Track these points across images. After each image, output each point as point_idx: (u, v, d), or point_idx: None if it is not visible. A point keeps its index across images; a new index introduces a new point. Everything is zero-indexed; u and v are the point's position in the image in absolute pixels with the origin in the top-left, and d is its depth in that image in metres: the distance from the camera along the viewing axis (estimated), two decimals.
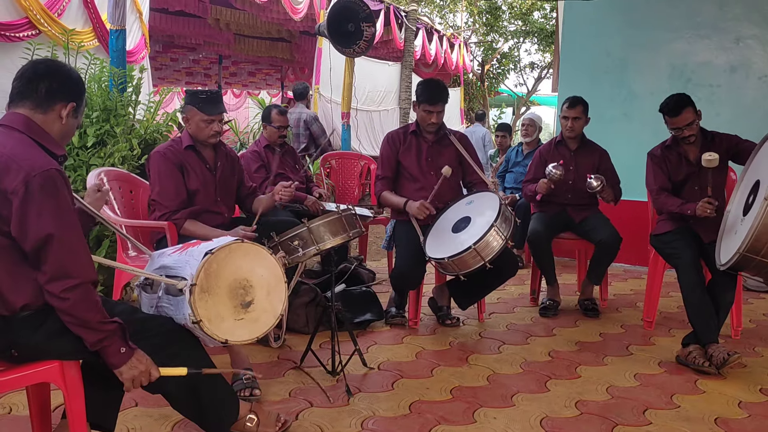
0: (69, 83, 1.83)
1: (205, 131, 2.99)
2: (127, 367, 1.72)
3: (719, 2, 5.41)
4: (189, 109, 2.99)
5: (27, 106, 1.76)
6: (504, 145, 6.69)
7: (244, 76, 15.18)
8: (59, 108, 1.79)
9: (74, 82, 1.85)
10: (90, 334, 1.68)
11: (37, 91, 1.76)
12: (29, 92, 1.76)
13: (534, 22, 17.34)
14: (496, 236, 3.08)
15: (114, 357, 1.71)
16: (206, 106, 2.96)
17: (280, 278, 2.09)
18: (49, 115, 1.78)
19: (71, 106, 1.81)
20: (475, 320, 3.80)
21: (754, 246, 2.63)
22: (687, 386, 2.86)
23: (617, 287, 4.85)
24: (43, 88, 1.76)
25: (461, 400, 2.63)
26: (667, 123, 3.41)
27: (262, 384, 2.63)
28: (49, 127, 1.78)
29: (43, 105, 1.77)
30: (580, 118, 3.99)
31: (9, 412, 2.37)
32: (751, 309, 4.26)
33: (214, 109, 2.98)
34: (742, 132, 3.48)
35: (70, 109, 1.81)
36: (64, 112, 1.79)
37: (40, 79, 1.77)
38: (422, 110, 3.61)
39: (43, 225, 1.60)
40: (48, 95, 1.77)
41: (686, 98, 3.35)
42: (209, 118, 2.97)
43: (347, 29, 6.41)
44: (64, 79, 1.81)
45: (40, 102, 1.77)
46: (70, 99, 1.81)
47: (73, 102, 1.82)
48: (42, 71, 1.79)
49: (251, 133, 8.78)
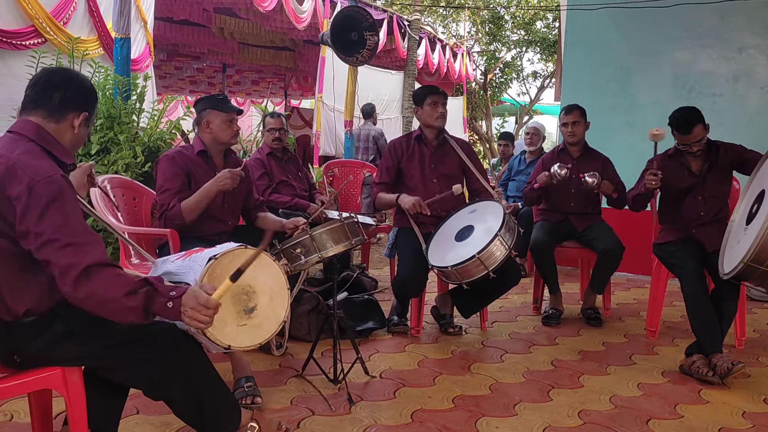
0: (83, 93, 1.84)
1: (228, 131, 3.06)
2: (183, 316, 1.65)
3: (721, 12, 5.42)
4: (209, 113, 3.02)
5: (40, 114, 1.77)
6: (506, 153, 6.68)
7: (247, 84, 15.25)
8: (72, 117, 1.80)
9: (87, 91, 1.86)
10: (129, 314, 1.62)
11: (51, 99, 1.77)
12: (43, 101, 1.78)
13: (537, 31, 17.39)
14: (500, 246, 3.08)
15: (166, 314, 1.65)
16: (224, 106, 3.05)
17: (283, 285, 2.09)
18: (61, 124, 1.79)
19: (84, 116, 1.83)
20: (478, 329, 3.79)
21: (759, 256, 2.62)
22: (690, 396, 2.84)
23: (620, 296, 4.84)
24: (57, 97, 1.78)
25: (463, 409, 2.62)
26: (676, 138, 3.40)
27: (264, 392, 2.63)
28: (61, 136, 1.80)
29: (56, 114, 1.78)
30: (579, 122, 4.00)
31: (10, 419, 2.37)
32: (755, 319, 4.24)
33: (231, 107, 3.08)
34: (744, 141, 3.48)
35: (83, 119, 1.83)
36: (76, 122, 1.81)
37: (54, 88, 1.78)
38: (428, 104, 3.63)
39: (46, 222, 1.60)
40: (62, 104, 1.78)
41: (696, 114, 3.31)
42: (230, 116, 3.05)
43: (350, 38, 6.44)
44: (78, 88, 1.83)
45: (53, 111, 1.78)
46: (83, 109, 1.83)
47: (86, 112, 1.84)
48: (56, 80, 1.80)
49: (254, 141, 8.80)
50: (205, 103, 3.08)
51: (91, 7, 5.84)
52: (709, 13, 5.45)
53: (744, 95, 5.46)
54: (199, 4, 9.02)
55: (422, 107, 3.66)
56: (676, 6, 5.42)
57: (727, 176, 3.46)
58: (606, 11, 5.78)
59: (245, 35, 10.40)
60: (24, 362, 1.74)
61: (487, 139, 17.41)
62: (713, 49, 5.54)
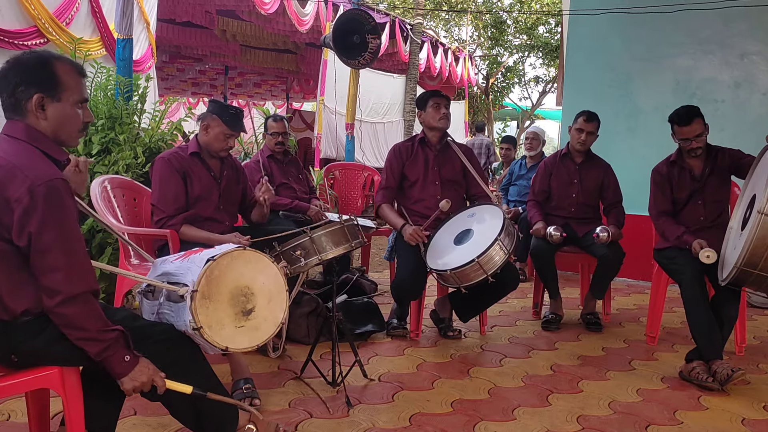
0: (24, 77, 1.68)
1: (221, 143, 3.04)
2: (129, 378, 1.69)
3: (724, 18, 5.42)
4: (213, 119, 3.01)
5: (13, 115, 1.72)
6: (508, 157, 6.68)
7: (249, 87, 15.28)
8: (29, 106, 1.68)
9: (25, 71, 1.68)
10: (92, 345, 1.66)
11: (5, 100, 1.70)
12: (9, 103, 1.71)
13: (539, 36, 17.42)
14: (499, 250, 3.08)
15: (118, 366, 1.68)
16: (232, 122, 3.02)
17: (281, 287, 2.09)
18: (29, 117, 1.70)
19: (37, 98, 1.68)
20: (477, 333, 3.79)
21: (751, 260, 2.62)
22: (690, 402, 2.83)
23: (620, 302, 4.83)
24: (5, 95, 1.70)
25: (462, 413, 2.61)
26: (676, 133, 3.40)
27: (262, 394, 2.62)
28: (41, 128, 1.72)
29: (18, 111, 1.70)
30: (594, 133, 3.99)
31: (8, 419, 2.36)
32: (755, 326, 4.23)
33: (237, 126, 3.04)
34: (745, 147, 3.48)
35: (38, 100, 1.68)
36: (33, 107, 1.68)
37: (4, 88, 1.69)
38: (431, 106, 3.64)
39: (45, 235, 1.59)
40: (12, 100, 1.69)
41: (697, 110, 3.35)
42: (231, 133, 3.03)
43: (353, 41, 6.45)
44: (15, 74, 1.68)
45: (14, 109, 1.70)
46: (33, 91, 1.67)
47: (37, 93, 1.68)
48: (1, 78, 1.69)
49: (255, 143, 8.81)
50: (216, 108, 3.05)
51: (93, 8, 5.85)
52: (711, 19, 5.45)
53: (746, 101, 5.46)
54: (202, 6, 9.05)
55: (425, 109, 3.67)
56: (679, 12, 5.42)
57: (726, 180, 3.46)
58: (608, 16, 5.78)
59: (247, 37, 10.43)
60: (21, 361, 1.73)
61: None
62: (715, 55, 5.54)
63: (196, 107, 15.67)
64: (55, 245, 1.61)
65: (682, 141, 3.38)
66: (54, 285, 1.61)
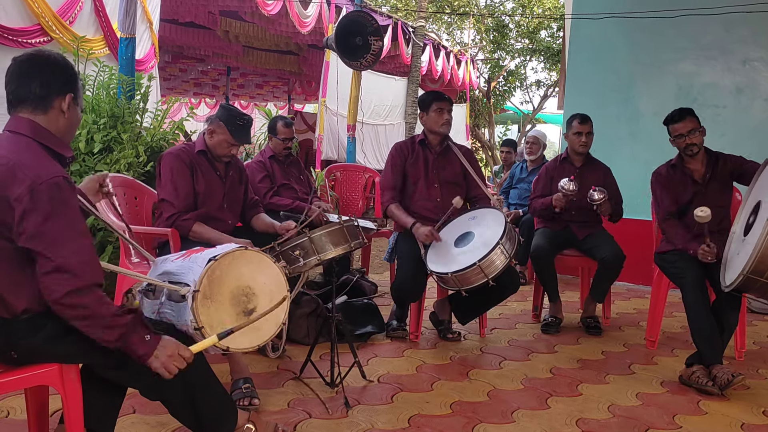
0: (59, 73, 1.73)
1: (223, 150, 3.05)
2: (155, 356, 1.67)
3: (726, 24, 5.43)
4: (219, 126, 3.00)
5: (27, 109, 1.71)
6: (509, 160, 6.67)
7: (251, 88, 15.29)
8: (58, 103, 1.73)
9: (63, 70, 1.75)
10: (109, 333, 1.63)
11: (30, 91, 1.70)
12: (24, 94, 1.71)
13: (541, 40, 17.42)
14: (501, 254, 3.07)
15: (141, 346, 1.66)
16: (237, 132, 3.00)
17: (282, 287, 2.08)
18: (50, 113, 1.72)
19: (69, 97, 1.74)
20: (477, 335, 3.78)
21: (758, 268, 2.62)
22: (689, 407, 2.83)
23: (620, 306, 4.82)
24: (35, 87, 1.70)
25: (461, 415, 2.61)
26: (671, 133, 3.42)
27: (261, 394, 2.62)
28: (54, 125, 1.73)
29: (42, 104, 1.71)
30: (592, 133, 4.01)
31: (7, 416, 2.36)
32: (755, 331, 4.23)
33: (243, 138, 3.03)
34: (747, 153, 3.48)
35: (69, 100, 1.74)
36: (64, 105, 1.73)
37: (29, 77, 1.70)
38: (434, 111, 3.62)
39: (51, 229, 1.59)
40: (43, 93, 1.70)
41: (689, 109, 3.39)
42: (234, 143, 3.03)
43: (355, 43, 6.46)
44: (53, 69, 1.73)
45: (37, 102, 1.71)
46: (67, 90, 1.73)
47: (70, 92, 1.74)
48: (28, 69, 1.71)
49: (257, 144, 8.82)
50: (224, 115, 3.01)
51: (97, 7, 5.87)
52: (713, 25, 5.46)
53: (747, 107, 5.46)
54: (205, 6, 9.07)
55: (428, 113, 3.66)
56: (681, 17, 5.43)
57: (727, 186, 3.46)
58: (611, 21, 5.79)
59: (250, 38, 10.44)
60: (21, 358, 1.73)
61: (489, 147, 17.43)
62: (717, 61, 5.54)
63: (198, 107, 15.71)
64: (62, 237, 1.60)
65: (677, 138, 3.39)
66: (62, 278, 1.59)
